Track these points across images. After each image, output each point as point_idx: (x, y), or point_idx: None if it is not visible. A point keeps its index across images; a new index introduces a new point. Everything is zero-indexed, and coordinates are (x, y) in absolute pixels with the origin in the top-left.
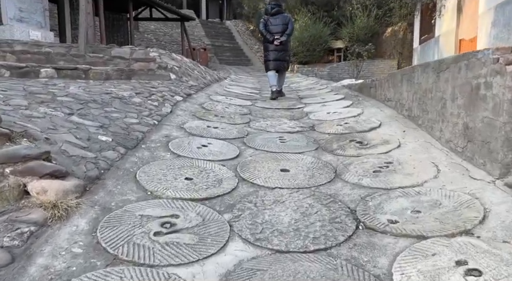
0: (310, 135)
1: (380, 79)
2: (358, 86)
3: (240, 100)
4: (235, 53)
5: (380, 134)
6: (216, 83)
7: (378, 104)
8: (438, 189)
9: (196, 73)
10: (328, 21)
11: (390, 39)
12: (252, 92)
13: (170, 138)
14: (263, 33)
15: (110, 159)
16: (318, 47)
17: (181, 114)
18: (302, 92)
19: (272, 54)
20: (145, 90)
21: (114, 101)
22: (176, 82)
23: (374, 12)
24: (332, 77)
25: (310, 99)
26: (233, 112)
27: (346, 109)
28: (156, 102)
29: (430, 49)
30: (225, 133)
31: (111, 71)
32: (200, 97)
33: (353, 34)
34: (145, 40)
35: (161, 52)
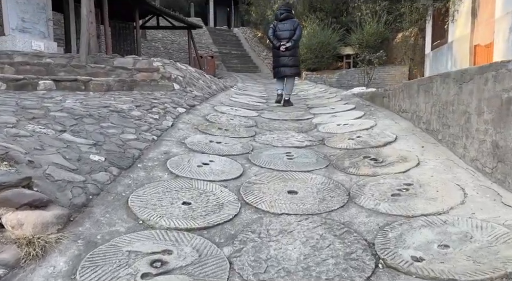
0: (319, 150)
1: (393, 89)
2: (369, 95)
3: (246, 111)
4: (243, 60)
5: (396, 150)
6: (222, 92)
7: (393, 116)
8: (467, 219)
9: (200, 83)
10: (336, 27)
11: (400, 45)
12: (258, 101)
13: (169, 155)
14: (270, 40)
15: (100, 182)
16: (327, 54)
17: (182, 128)
18: (310, 101)
19: (280, 60)
20: (146, 101)
21: (112, 115)
22: (180, 92)
23: (384, 18)
24: (341, 84)
25: (319, 109)
26: (238, 125)
27: (358, 121)
28: (156, 115)
29: (443, 55)
30: (229, 149)
31: (113, 82)
32: (204, 108)
33: (363, 41)
34: (153, 48)
35: (165, 61)
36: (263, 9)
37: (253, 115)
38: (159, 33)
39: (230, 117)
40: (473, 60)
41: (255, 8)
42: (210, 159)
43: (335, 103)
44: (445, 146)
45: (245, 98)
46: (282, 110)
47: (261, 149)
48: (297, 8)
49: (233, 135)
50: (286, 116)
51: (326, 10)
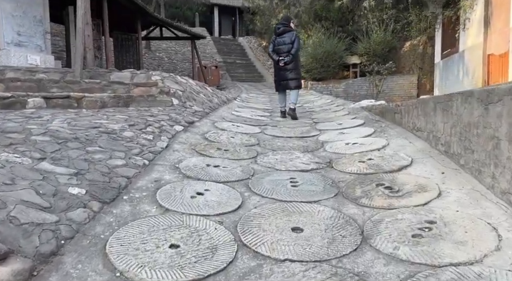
0: (327, 175)
1: (406, 105)
2: (379, 109)
3: (248, 127)
4: (247, 70)
5: (413, 176)
6: (224, 106)
7: (406, 134)
8: (507, 272)
9: (201, 96)
10: (342, 36)
11: (408, 54)
12: (262, 114)
13: (160, 183)
14: (270, 55)
15: (76, 222)
16: (333, 63)
17: (178, 149)
18: (316, 114)
19: (280, 74)
20: (141, 120)
21: (101, 138)
22: (179, 108)
23: (391, 26)
24: (348, 93)
25: (325, 124)
26: (239, 144)
27: (368, 139)
28: (150, 136)
29: (453, 64)
30: (227, 174)
31: (107, 99)
32: (203, 125)
33: (370, 50)
34: (157, 58)
35: (164, 75)
36: (268, 19)
37: (256, 132)
38: (163, 44)
39: (231, 135)
40: (487, 69)
41: (260, 17)
42: (206, 187)
43: (342, 117)
44: (468, 173)
45: (248, 111)
46: (286, 126)
47: (263, 173)
48: (302, 17)
49: (233, 157)
50: (291, 132)
51: (331, 19)
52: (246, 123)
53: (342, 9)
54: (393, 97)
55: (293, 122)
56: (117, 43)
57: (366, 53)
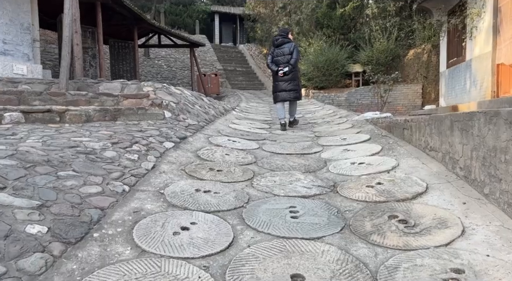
0: (331, 202)
1: (416, 120)
2: (385, 123)
3: (246, 142)
4: (248, 77)
5: (431, 206)
6: (222, 117)
7: (417, 153)
8: None
9: (196, 108)
10: (344, 44)
11: (412, 62)
12: (261, 127)
13: (140, 214)
14: (269, 66)
15: (29, 272)
16: (335, 72)
17: (165, 170)
18: (318, 127)
19: (279, 85)
20: (127, 136)
21: (77, 159)
22: (171, 121)
23: (395, 34)
24: (350, 103)
25: (328, 139)
26: (234, 162)
27: (375, 158)
28: (135, 155)
29: (460, 73)
30: (218, 202)
31: (93, 112)
32: (197, 140)
33: (373, 58)
34: (156, 66)
35: (157, 86)
36: (269, 26)
37: (253, 148)
38: (162, 51)
39: (226, 152)
40: (496, 80)
41: (261, 25)
42: (193, 220)
43: (346, 131)
44: (495, 205)
45: (246, 123)
46: (286, 140)
47: (259, 200)
48: (304, 24)
49: (226, 179)
50: (291, 148)
51: (333, 26)
52: (243, 138)
53: (344, 16)
54: (397, 106)
55: (293, 135)
56: (113, 51)
57: (369, 62)
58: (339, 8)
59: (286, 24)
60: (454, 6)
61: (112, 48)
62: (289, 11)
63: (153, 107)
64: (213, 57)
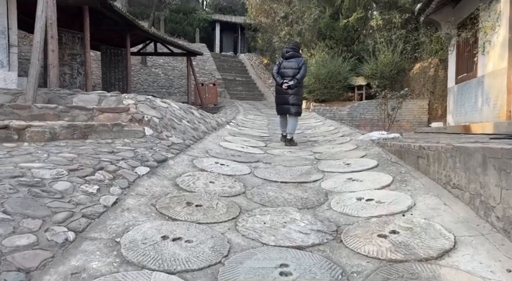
0: (334, 257)
1: (435, 148)
2: (395, 147)
3: (236, 165)
4: (247, 87)
5: (464, 273)
6: (213, 133)
7: (437, 189)
8: None
9: (184, 123)
10: (347, 56)
11: (418, 77)
12: (255, 145)
13: (79, 280)
14: (274, 77)
15: None
16: (337, 84)
17: (131, 206)
18: (318, 146)
19: (282, 97)
20: (92, 160)
21: (16, 194)
22: (152, 139)
23: (400, 47)
24: (353, 117)
25: (330, 163)
26: (219, 193)
27: (386, 193)
28: (95, 186)
29: (470, 90)
30: (189, 255)
31: (60, 129)
32: (178, 164)
33: (377, 71)
34: (152, 74)
35: (139, 98)
36: (270, 36)
37: (244, 173)
38: (160, 59)
39: (211, 179)
40: None
41: (262, 34)
42: None
43: (349, 153)
44: None
45: (240, 141)
46: (283, 162)
47: (242, 252)
48: (306, 35)
49: (205, 219)
50: (287, 174)
51: (336, 38)
52: (234, 159)
53: (348, 28)
54: (402, 122)
55: (291, 156)
56: (105, 58)
57: (373, 75)
58: (342, 19)
59: (288, 34)
60: (465, 18)
61: (104, 55)
62: (291, 21)
63: (132, 122)
64: (212, 66)
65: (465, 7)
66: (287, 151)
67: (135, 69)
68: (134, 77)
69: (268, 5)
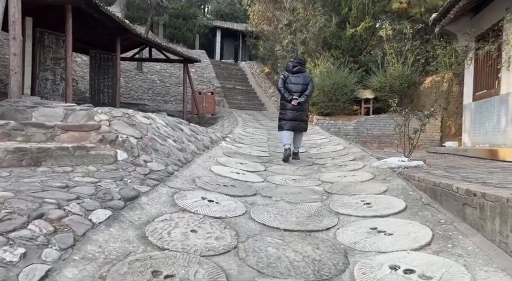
0: None
1: (497, 199)
2: (426, 184)
3: (228, 202)
4: (247, 97)
5: None
6: (205, 153)
7: (501, 258)
8: None
9: (169, 143)
10: (354, 67)
11: (430, 91)
12: (254, 169)
13: None
14: (281, 91)
15: None
16: (343, 97)
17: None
18: (327, 173)
19: (290, 113)
20: (32, 202)
21: None
22: (125, 166)
23: (412, 59)
24: (359, 133)
25: (344, 200)
26: (201, 251)
27: (430, 261)
28: (20, 249)
29: (492, 109)
30: None
31: (3, 154)
32: (154, 201)
33: (386, 84)
34: (148, 81)
35: (115, 113)
36: (272, 44)
37: (237, 214)
38: (157, 65)
39: (193, 226)
40: None
41: (263, 42)
42: None
43: (366, 185)
44: None
45: (235, 163)
46: (286, 196)
47: None
48: (310, 44)
49: None
50: (292, 215)
51: (342, 48)
52: (226, 193)
53: (355, 37)
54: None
55: (296, 187)
56: (93, 63)
57: (381, 88)
58: (349, 28)
59: (291, 43)
60: (486, 30)
61: (93, 59)
62: (294, 29)
63: (103, 144)
64: (211, 74)
65: (485, 17)
66: (291, 179)
67: (130, 75)
68: (129, 83)
69: (270, 12)
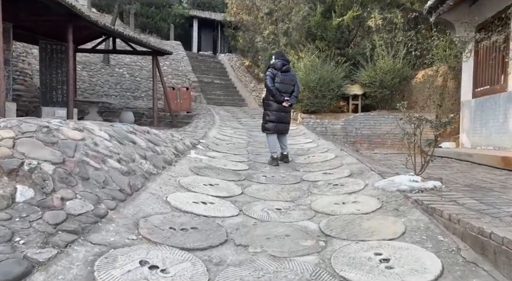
0: None
1: None
2: (462, 227)
3: (182, 264)
4: (227, 92)
5: None
6: (165, 172)
7: None
8: None
9: (109, 166)
10: (341, 60)
11: (422, 86)
12: (227, 194)
13: None
14: (272, 91)
15: None
16: (329, 93)
17: None
18: (320, 197)
19: (278, 115)
20: None
21: None
22: (26, 212)
23: (403, 51)
24: (348, 132)
25: (350, 252)
26: None
27: None
28: None
29: (496, 107)
30: None
31: None
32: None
33: (375, 79)
34: (116, 75)
35: (27, 127)
36: (252, 35)
37: None
38: (126, 58)
39: None
40: None
41: (243, 33)
42: None
43: (375, 220)
44: None
45: (203, 186)
46: (267, 244)
47: None
48: (293, 35)
49: None
50: None
51: (328, 39)
52: (181, 245)
53: (342, 28)
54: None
55: (281, 223)
56: (44, 55)
57: (371, 83)
58: (336, 18)
59: (272, 34)
60: (489, 19)
61: (43, 51)
62: (275, 19)
63: None
64: (187, 67)
65: (488, 4)
66: (274, 209)
67: (95, 69)
68: (93, 77)
69: (249, 0)
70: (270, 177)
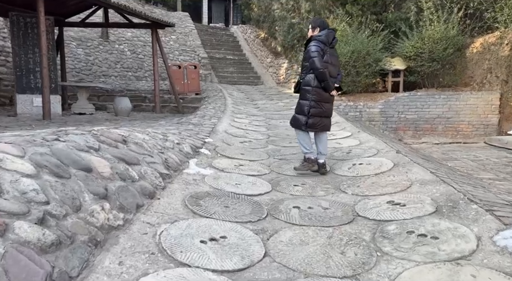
0: None
1: None
2: None
3: None
4: (240, 68)
5: None
6: (136, 221)
7: None
8: None
9: (16, 233)
10: (378, 28)
11: (480, 58)
12: (237, 263)
13: None
14: (324, 76)
15: None
16: (365, 70)
17: None
18: (390, 249)
19: (326, 108)
20: None
21: None
22: None
23: (459, 14)
24: (388, 117)
25: None
26: None
27: None
28: None
29: None
30: None
31: None
32: None
33: (423, 50)
34: (116, 52)
35: None
36: (268, 2)
37: None
38: (127, 32)
39: None
40: None
41: (258, 1)
42: None
43: None
44: None
45: (198, 242)
46: None
47: None
48: None
49: None
50: None
51: (361, 3)
52: None
53: None
54: (460, 124)
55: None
56: (16, 31)
57: (417, 55)
58: None
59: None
60: None
61: (14, 26)
62: None
63: None
64: (196, 41)
65: None
66: None
67: (92, 45)
68: (90, 55)
69: None
70: (305, 208)
